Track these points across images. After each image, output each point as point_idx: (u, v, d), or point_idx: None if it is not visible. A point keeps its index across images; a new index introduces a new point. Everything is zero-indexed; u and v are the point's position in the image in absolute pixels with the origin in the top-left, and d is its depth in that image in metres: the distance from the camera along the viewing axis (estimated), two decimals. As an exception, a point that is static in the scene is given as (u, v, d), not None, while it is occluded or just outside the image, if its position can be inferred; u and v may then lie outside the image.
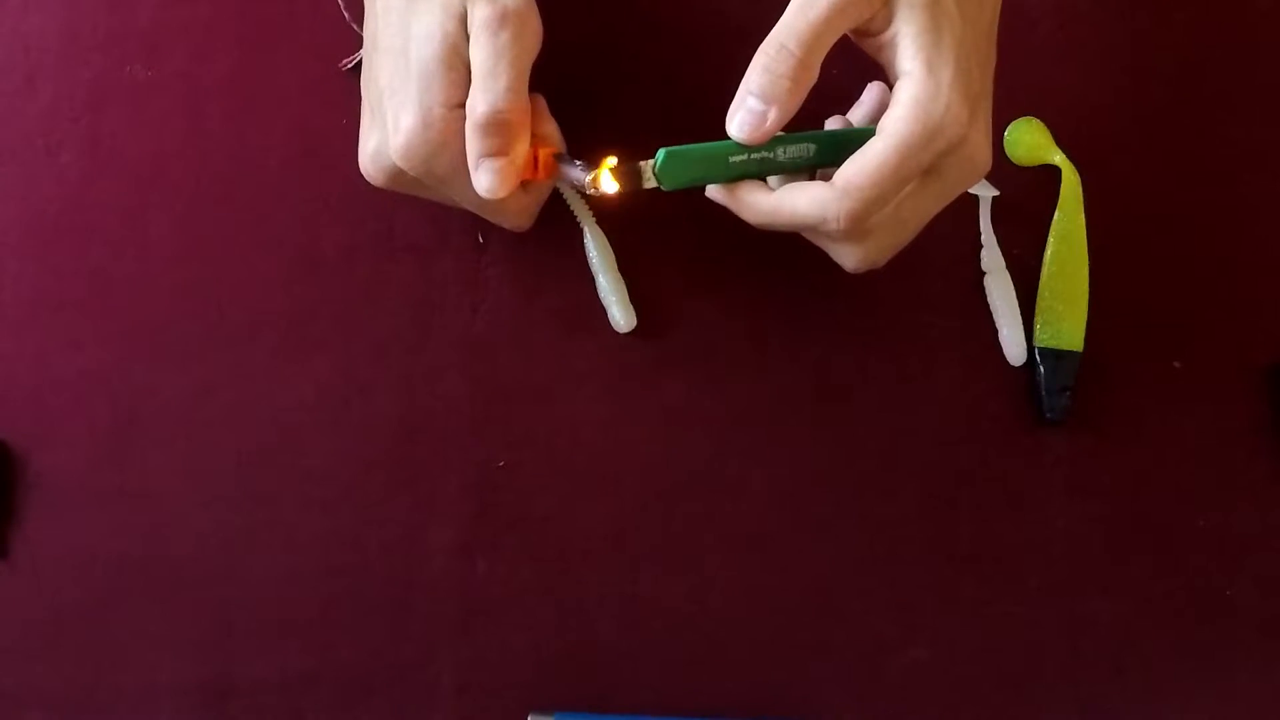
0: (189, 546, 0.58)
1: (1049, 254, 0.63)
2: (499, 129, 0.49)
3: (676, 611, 0.60)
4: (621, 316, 0.60)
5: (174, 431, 0.59)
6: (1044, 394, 0.61)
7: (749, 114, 0.49)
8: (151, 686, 0.58)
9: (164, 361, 0.59)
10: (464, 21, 0.50)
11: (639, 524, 0.60)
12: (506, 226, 0.56)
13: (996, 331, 0.62)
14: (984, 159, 0.50)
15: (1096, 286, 0.62)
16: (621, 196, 0.50)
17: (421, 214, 0.60)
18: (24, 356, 0.59)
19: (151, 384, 0.59)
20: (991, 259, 0.62)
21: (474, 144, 0.49)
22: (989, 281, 0.62)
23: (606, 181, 0.50)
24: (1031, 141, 0.63)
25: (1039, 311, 0.62)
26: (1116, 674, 0.61)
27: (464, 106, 0.50)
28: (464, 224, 0.60)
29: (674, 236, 0.61)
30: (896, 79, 0.49)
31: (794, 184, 0.50)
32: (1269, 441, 0.63)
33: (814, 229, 0.50)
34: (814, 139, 0.52)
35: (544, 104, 0.53)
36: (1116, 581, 0.61)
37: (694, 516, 0.60)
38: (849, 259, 0.52)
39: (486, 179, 0.50)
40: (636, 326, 0.60)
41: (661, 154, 0.49)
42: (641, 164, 0.50)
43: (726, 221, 0.60)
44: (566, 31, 0.53)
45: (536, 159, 0.51)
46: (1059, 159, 0.63)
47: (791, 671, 0.60)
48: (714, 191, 0.52)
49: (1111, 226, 0.63)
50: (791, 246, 0.61)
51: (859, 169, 0.48)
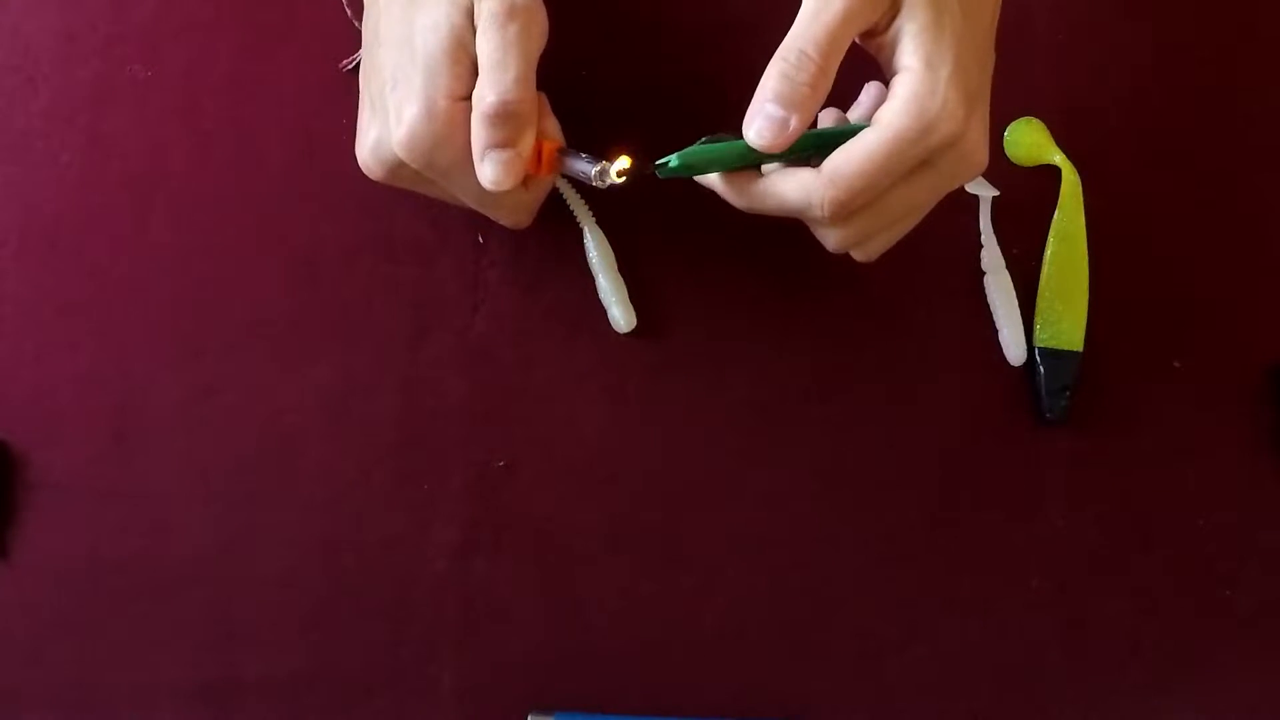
0: (189, 546, 0.58)
1: (1049, 254, 0.63)
2: (507, 120, 0.49)
3: (676, 611, 0.60)
4: (621, 316, 0.60)
5: (174, 432, 0.59)
6: (1044, 394, 0.61)
7: (769, 121, 0.48)
8: (151, 686, 0.58)
9: (164, 361, 0.59)
10: (470, 14, 0.50)
11: (639, 524, 0.60)
12: (505, 223, 0.56)
13: (996, 331, 0.62)
14: (980, 157, 0.50)
15: (1096, 286, 0.62)
16: (625, 188, 0.50)
17: (421, 214, 0.60)
18: (24, 356, 0.59)
19: (151, 384, 0.59)
20: (991, 259, 0.62)
21: (481, 135, 0.49)
22: (989, 281, 0.62)
23: (611, 174, 0.50)
24: (1031, 141, 0.63)
25: (1039, 311, 0.62)
26: (1116, 674, 0.61)
27: (468, 99, 0.50)
28: (464, 224, 0.60)
29: (674, 236, 0.61)
30: (895, 74, 0.49)
31: (784, 170, 0.50)
32: (1269, 441, 0.63)
33: (800, 214, 0.50)
34: (814, 137, 0.51)
35: (546, 101, 0.53)
36: (1116, 581, 0.61)
37: (693, 517, 0.60)
38: (829, 239, 0.53)
39: (492, 170, 0.49)
40: (636, 326, 0.60)
41: (675, 159, 0.49)
42: (656, 164, 0.50)
43: (727, 222, 0.60)
44: (567, 28, 0.53)
45: (540, 153, 0.51)
46: (1059, 159, 0.63)
47: (791, 671, 0.60)
48: (707, 176, 0.52)
49: (1111, 226, 0.63)
50: (791, 247, 0.61)
51: (847, 158, 0.48)
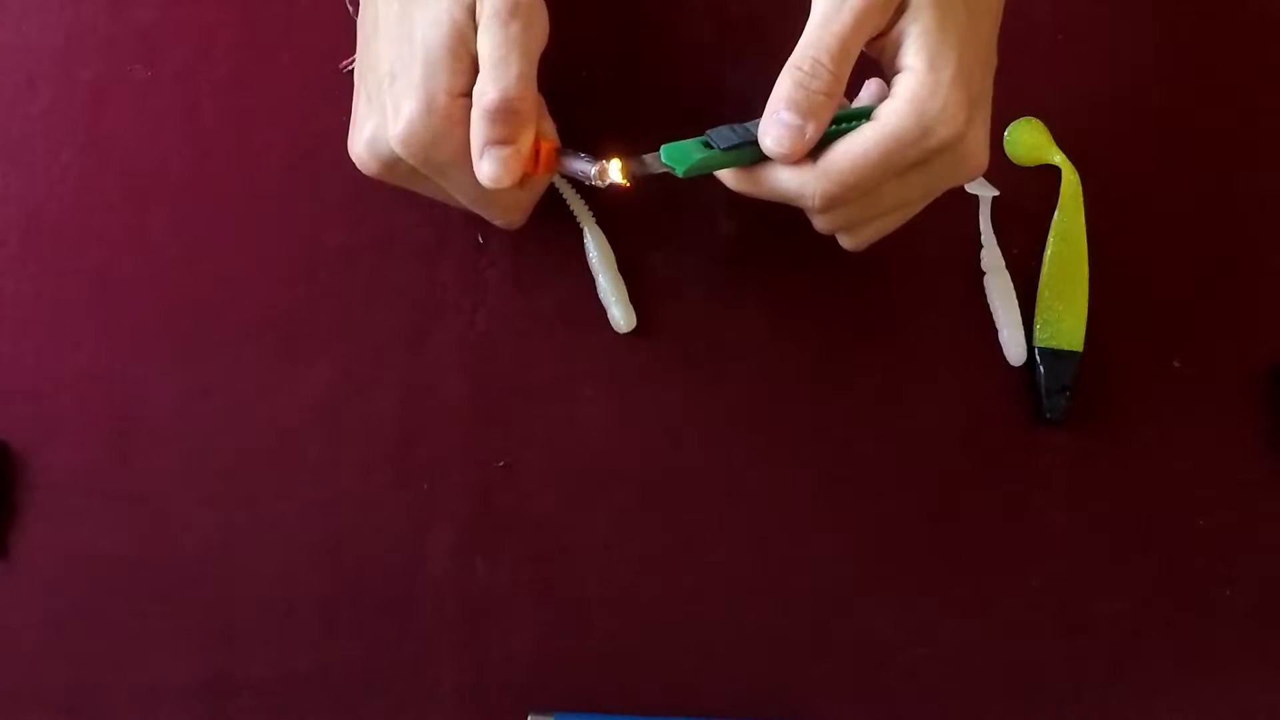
0: (189, 546, 0.58)
1: (1049, 254, 0.63)
2: (508, 116, 0.49)
3: (676, 611, 0.60)
4: (621, 316, 0.60)
5: (174, 431, 0.59)
6: (1044, 394, 0.61)
7: (786, 130, 0.48)
8: (151, 686, 0.58)
9: (164, 361, 0.59)
10: (472, 11, 0.49)
11: (639, 524, 0.60)
12: (498, 223, 0.56)
13: (996, 331, 0.62)
14: (979, 159, 0.50)
15: (1096, 286, 0.62)
16: (624, 188, 0.50)
17: (422, 214, 0.60)
18: (24, 356, 0.59)
19: (151, 384, 0.59)
20: (991, 259, 0.62)
21: (481, 131, 0.49)
22: (989, 281, 0.62)
23: (611, 172, 0.50)
24: (1031, 141, 0.63)
25: (1039, 311, 0.62)
26: (1116, 674, 0.61)
27: (467, 96, 0.50)
28: (464, 224, 0.60)
29: (674, 237, 0.61)
30: (896, 73, 0.49)
31: None
32: (1269, 442, 0.63)
33: (791, 202, 0.51)
34: None
35: (542, 101, 0.53)
36: (1116, 581, 0.61)
37: (694, 516, 0.60)
38: (817, 221, 0.53)
39: (490, 167, 0.49)
40: (636, 326, 0.60)
41: (680, 169, 0.49)
42: (646, 157, 0.50)
43: (726, 222, 0.60)
44: (567, 28, 0.53)
45: (537, 153, 0.51)
46: (1059, 159, 0.63)
47: (791, 671, 0.60)
48: None
49: (1111, 226, 0.63)
50: (792, 246, 0.61)
51: (844, 154, 0.48)
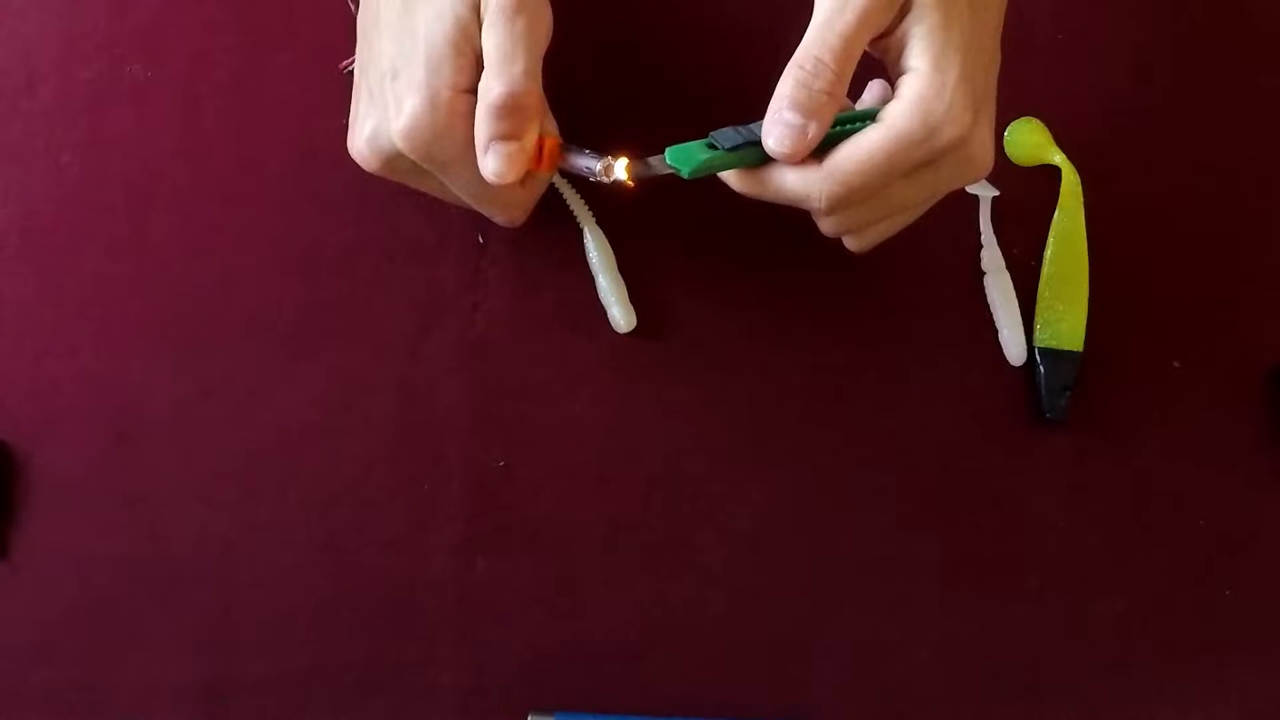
0: (189, 546, 0.58)
1: (1049, 254, 0.63)
2: (514, 112, 0.49)
3: (676, 611, 0.60)
4: (621, 316, 0.60)
5: (174, 432, 0.59)
6: (1044, 394, 0.61)
7: (789, 129, 0.48)
8: (151, 686, 0.58)
9: (164, 362, 0.59)
10: (476, 8, 0.49)
11: (639, 524, 0.60)
12: (499, 221, 0.56)
13: (996, 331, 0.62)
14: (985, 161, 0.50)
15: (1096, 286, 0.62)
16: (626, 186, 0.50)
17: (422, 214, 0.60)
18: (24, 356, 0.59)
19: (151, 384, 0.59)
20: (991, 259, 0.62)
21: (486, 127, 0.49)
22: (989, 281, 0.62)
23: (617, 169, 0.50)
24: (1031, 141, 0.63)
25: (1039, 311, 0.62)
26: (1116, 674, 0.61)
27: (470, 92, 0.50)
28: (464, 224, 0.60)
29: (674, 236, 0.61)
30: (901, 74, 0.49)
31: None
32: (1269, 442, 0.63)
33: (798, 204, 0.50)
34: None
35: (544, 99, 0.53)
36: (1116, 581, 0.61)
37: (694, 516, 0.60)
38: (823, 224, 0.53)
39: (495, 162, 0.49)
40: (636, 326, 0.60)
41: (686, 170, 0.49)
42: (651, 159, 0.50)
43: (728, 222, 0.60)
44: (568, 28, 0.53)
45: (540, 149, 0.51)
46: (1059, 159, 0.63)
47: (791, 671, 0.60)
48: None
49: (1111, 226, 0.63)
50: (792, 247, 0.61)
51: (849, 155, 0.48)
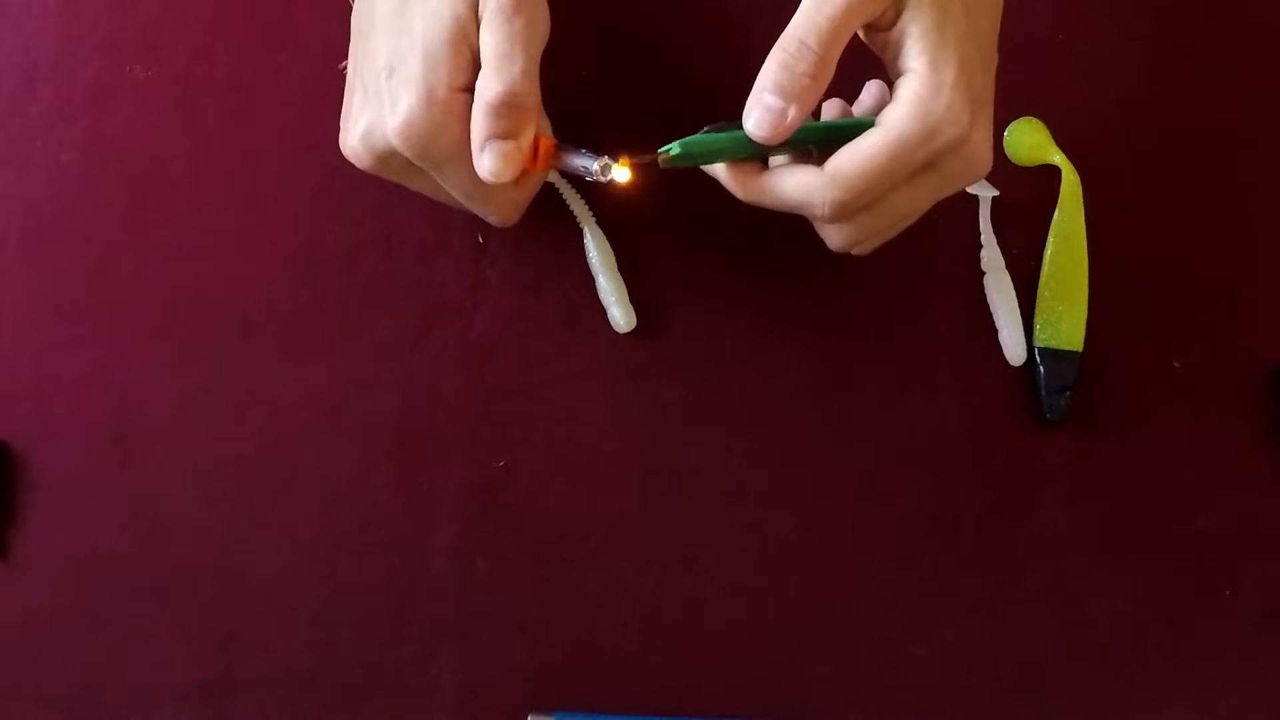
0: (189, 546, 0.58)
1: (1049, 254, 0.63)
2: (511, 111, 0.49)
3: (676, 611, 0.60)
4: (621, 316, 0.60)
5: (174, 431, 0.59)
6: (1044, 394, 0.61)
7: (767, 111, 0.48)
8: (151, 686, 0.58)
9: (164, 361, 0.59)
10: (474, 7, 0.49)
11: (639, 524, 0.60)
12: (492, 221, 0.56)
13: (996, 331, 0.62)
14: (984, 160, 0.50)
15: (1096, 286, 0.62)
16: (627, 184, 0.50)
17: (422, 214, 0.60)
18: (24, 356, 0.59)
19: (151, 384, 0.59)
20: (991, 259, 0.62)
21: (483, 125, 0.49)
22: (989, 281, 0.62)
23: (614, 168, 0.50)
24: (1031, 141, 0.63)
25: (1039, 311, 0.62)
26: (1116, 674, 0.61)
27: (466, 91, 0.50)
28: (464, 224, 0.60)
29: (674, 236, 0.61)
30: (899, 75, 0.49)
31: (786, 166, 0.50)
32: (1269, 442, 0.63)
33: (800, 211, 0.50)
34: (812, 125, 0.51)
35: (540, 99, 0.53)
36: (1116, 581, 0.61)
37: (694, 516, 0.60)
38: (833, 238, 0.53)
39: (491, 161, 0.49)
40: (636, 326, 0.60)
41: (676, 147, 0.49)
42: (658, 154, 0.50)
43: (728, 222, 0.60)
44: (567, 27, 0.53)
45: (536, 149, 0.51)
46: (1059, 159, 0.63)
47: (791, 671, 0.60)
48: (712, 165, 0.52)
49: (1111, 226, 0.63)
50: (792, 247, 0.61)
51: (851, 159, 0.48)
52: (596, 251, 0.60)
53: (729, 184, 0.52)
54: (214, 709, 0.58)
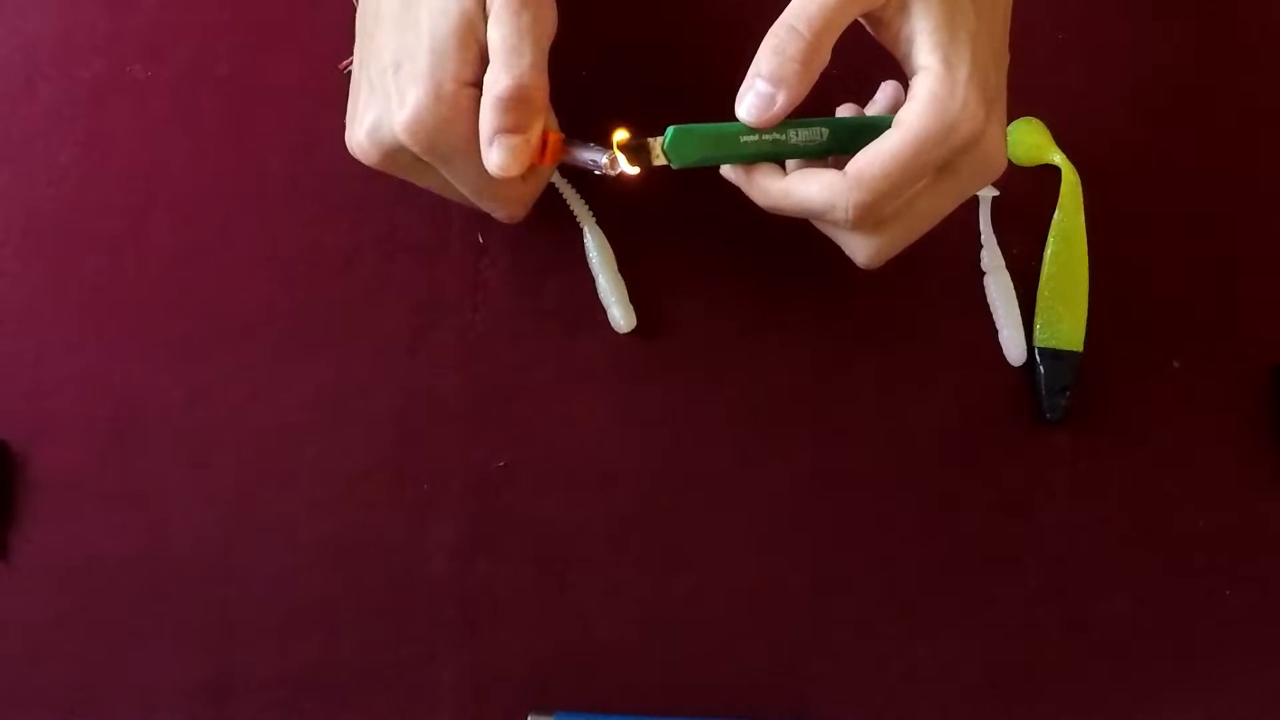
0: (189, 546, 0.59)
1: (1049, 254, 0.63)
2: (520, 104, 0.49)
3: (676, 611, 0.60)
4: (621, 316, 0.60)
5: (174, 431, 0.59)
6: (1044, 394, 0.61)
7: (757, 96, 0.48)
8: (151, 686, 0.58)
9: (164, 361, 0.59)
10: (481, 2, 0.49)
11: (639, 524, 0.60)
12: (499, 216, 0.55)
13: (996, 331, 0.62)
14: (1000, 158, 0.50)
15: (1096, 286, 0.62)
16: (631, 180, 0.50)
17: (422, 214, 0.60)
18: (24, 356, 0.59)
19: (151, 384, 0.59)
20: (991, 259, 0.62)
21: (491, 119, 0.49)
22: (989, 281, 0.62)
23: (622, 161, 0.49)
24: (1031, 141, 0.63)
25: (1039, 311, 0.62)
26: (1116, 674, 0.61)
27: (473, 85, 0.50)
28: (464, 224, 0.60)
29: (674, 236, 0.61)
30: (913, 74, 0.49)
31: (806, 170, 0.50)
32: (1269, 442, 0.63)
33: (822, 217, 0.50)
34: (827, 124, 0.51)
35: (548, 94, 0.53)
36: (1116, 581, 0.61)
37: (694, 516, 0.60)
38: (861, 252, 0.52)
39: (499, 155, 0.49)
40: (636, 326, 0.60)
41: (670, 131, 0.49)
42: (650, 140, 0.50)
43: (728, 222, 0.60)
44: (571, 21, 0.53)
45: (544, 144, 0.51)
46: (1059, 159, 0.63)
47: (791, 671, 0.60)
48: (728, 171, 0.52)
49: (1111, 226, 0.63)
50: (792, 247, 0.61)
51: (871, 159, 0.48)
52: (596, 251, 0.60)
53: (748, 190, 0.51)
54: (214, 709, 0.58)
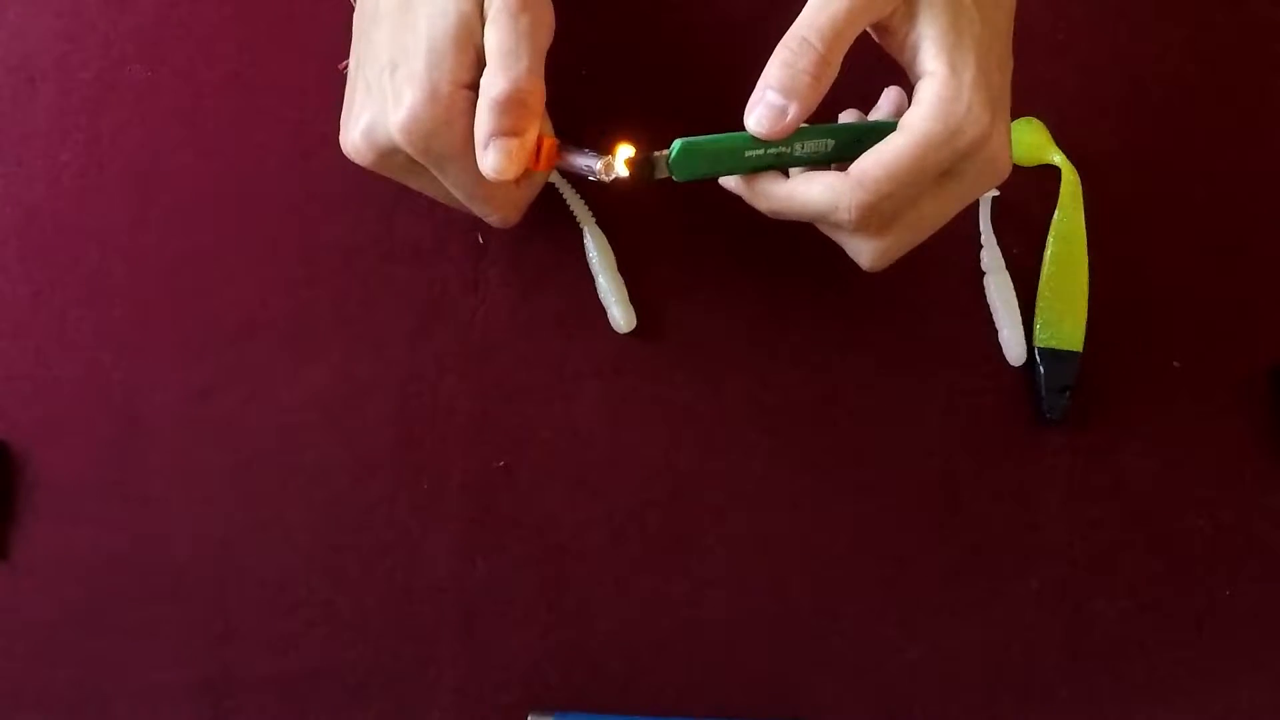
0: (189, 546, 0.59)
1: (1049, 254, 0.63)
2: (516, 108, 0.49)
3: (676, 611, 0.60)
4: (621, 316, 0.60)
5: (174, 432, 0.59)
6: (1044, 394, 0.61)
7: (768, 109, 0.48)
8: (151, 686, 0.58)
9: (164, 362, 0.59)
10: (479, 4, 0.49)
11: (639, 524, 0.60)
12: (492, 221, 0.55)
13: (996, 331, 0.62)
14: (1005, 162, 0.50)
15: (1096, 286, 0.62)
16: (629, 187, 0.50)
17: (421, 214, 0.60)
18: (24, 356, 0.59)
19: (151, 384, 0.59)
20: (991, 259, 0.62)
21: (488, 121, 0.49)
22: (989, 281, 0.62)
23: (619, 167, 0.49)
24: (1031, 141, 0.63)
25: (1039, 311, 0.62)
26: (1116, 674, 0.61)
27: (469, 88, 0.50)
28: (464, 224, 0.60)
29: (674, 236, 0.61)
30: (918, 79, 0.49)
31: (808, 173, 0.50)
32: (1269, 441, 0.63)
33: (825, 219, 0.50)
34: (832, 133, 0.51)
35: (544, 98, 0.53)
36: (1116, 581, 0.61)
37: (694, 516, 0.60)
38: (866, 255, 0.52)
39: (495, 158, 0.49)
40: (636, 326, 0.60)
41: (678, 145, 0.49)
42: (655, 154, 0.49)
43: (727, 222, 0.60)
44: (567, 28, 0.53)
45: (539, 148, 0.51)
46: (1059, 159, 0.63)
47: (791, 671, 0.60)
48: (728, 181, 0.52)
49: (1111, 226, 0.63)
50: (792, 247, 0.61)
51: (876, 161, 0.48)
52: (596, 251, 0.60)
53: (750, 198, 0.51)
54: (214, 709, 0.58)
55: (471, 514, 0.59)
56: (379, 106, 0.50)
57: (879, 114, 0.54)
